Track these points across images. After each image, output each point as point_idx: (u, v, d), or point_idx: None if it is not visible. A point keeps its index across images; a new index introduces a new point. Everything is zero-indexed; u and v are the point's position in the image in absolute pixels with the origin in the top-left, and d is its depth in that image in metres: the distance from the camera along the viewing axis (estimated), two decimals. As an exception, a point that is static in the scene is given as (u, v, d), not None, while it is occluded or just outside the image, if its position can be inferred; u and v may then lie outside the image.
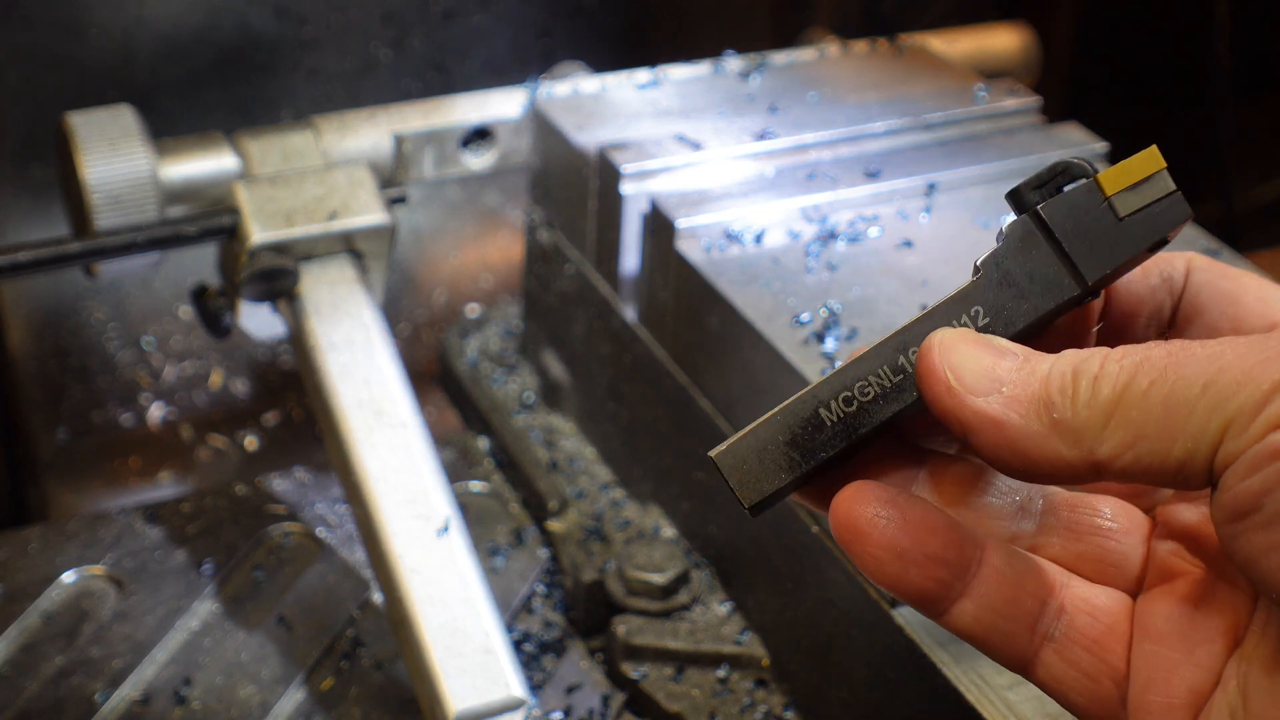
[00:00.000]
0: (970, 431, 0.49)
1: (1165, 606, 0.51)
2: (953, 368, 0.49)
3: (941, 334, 0.50)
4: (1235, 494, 0.45)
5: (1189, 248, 0.96)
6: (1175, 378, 0.46)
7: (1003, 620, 0.51)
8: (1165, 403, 0.46)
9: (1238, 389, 0.45)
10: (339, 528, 1.08)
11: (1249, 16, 1.55)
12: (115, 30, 1.21)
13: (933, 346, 0.50)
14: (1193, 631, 0.50)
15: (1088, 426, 0.47)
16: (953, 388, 0.49)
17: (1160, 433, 0.46)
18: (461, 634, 0.88)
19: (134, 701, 0.94)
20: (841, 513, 0.51)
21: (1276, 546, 0.44)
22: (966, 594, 0.51)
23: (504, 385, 1.18)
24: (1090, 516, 0.54)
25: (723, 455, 0.51)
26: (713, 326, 0.93)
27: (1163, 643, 0.51)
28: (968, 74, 1.16)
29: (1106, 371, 0.48)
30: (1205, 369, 0.46)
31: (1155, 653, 0.51)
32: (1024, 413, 0.48)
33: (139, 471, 1.32)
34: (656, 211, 0.97)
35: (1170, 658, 0.50)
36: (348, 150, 1.06)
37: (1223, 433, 0.45)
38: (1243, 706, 0.48)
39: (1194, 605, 0.51)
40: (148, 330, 1.31)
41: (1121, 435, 0.47)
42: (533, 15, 1.35)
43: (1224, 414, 0.45)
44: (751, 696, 0.93)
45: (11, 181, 1.22)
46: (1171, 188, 0.51)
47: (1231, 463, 0.45)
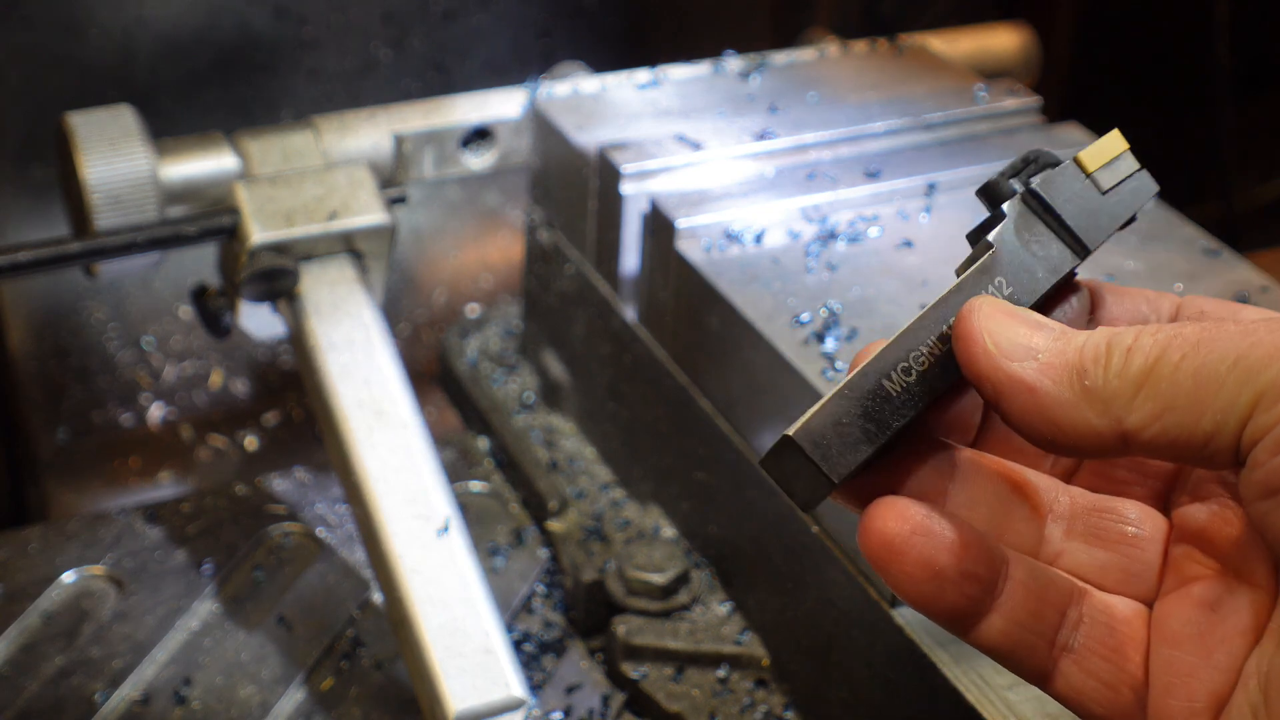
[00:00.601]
0: (1002, 396, 0.49)
1: (1182, 611, 0.51)
2: (990, 333, 0.50)
3: (980, 300, 0.51)
4: (1267, 470, 0.45)
5: (1189, 248, 0.96)
6: (1207, 352, 0.47)
7: (1028, 634, 0.51)
8: (1196, 375, 0.46)
9: (1269, 363, 0.45)
10: (339, 528, 1.08)
11: (1249, 16, 1.55)
12: (115, 30, 1.21)
13: (972, 311, 0.50)
14: (1210, 634, 0.50)
15: (1118, 395, 0.48)
16: (989, 350, 0.50)
17: (1189, 405, 0.46)
18: (461, 634, 0.88)
19: (134, 701, 0.94)
20: (875, 530, 0.50)
21: None
22: (994, 609, 0.51)
23: (504, 385, 1.18)
24: (1116, 523, 0.54)
25: (800, 433, 0.50)
26: (713, 326, 0.93)
27: (1181, 647, 0.51)
28: (968, 74, 1.16)
29: (1140, 344, 0.48)
30: (1238, 344, 0.46)
31: (1174, 657, 0.51)
32: (1057, 379, 0.49)
33: (139, 471, 1.32)
34: (656, 211, 0.97)
35: (1189, 662, 0.50)
36: (348, 150, 1.06)
37: (1253, 406, 0.45)
38: (1264, 703, 0.47)
39: (1210, 608, 0.51)
40: (148, 330, 1.31)
41: (1151, 406, 0.47)
42: (533, 15, 1.35)
43: (1254, 388, 0.45)
44: (751, 696, 0.93)
45: (11, 181, 1.22)
46: (1137, 166, 0.55)
47: (1260, 438, 0.45)
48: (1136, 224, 0.57)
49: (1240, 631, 0.50)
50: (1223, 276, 0.93)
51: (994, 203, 0.54)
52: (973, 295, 0.52)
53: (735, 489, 0.95)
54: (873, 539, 0.50)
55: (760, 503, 0.92)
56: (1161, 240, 0.96)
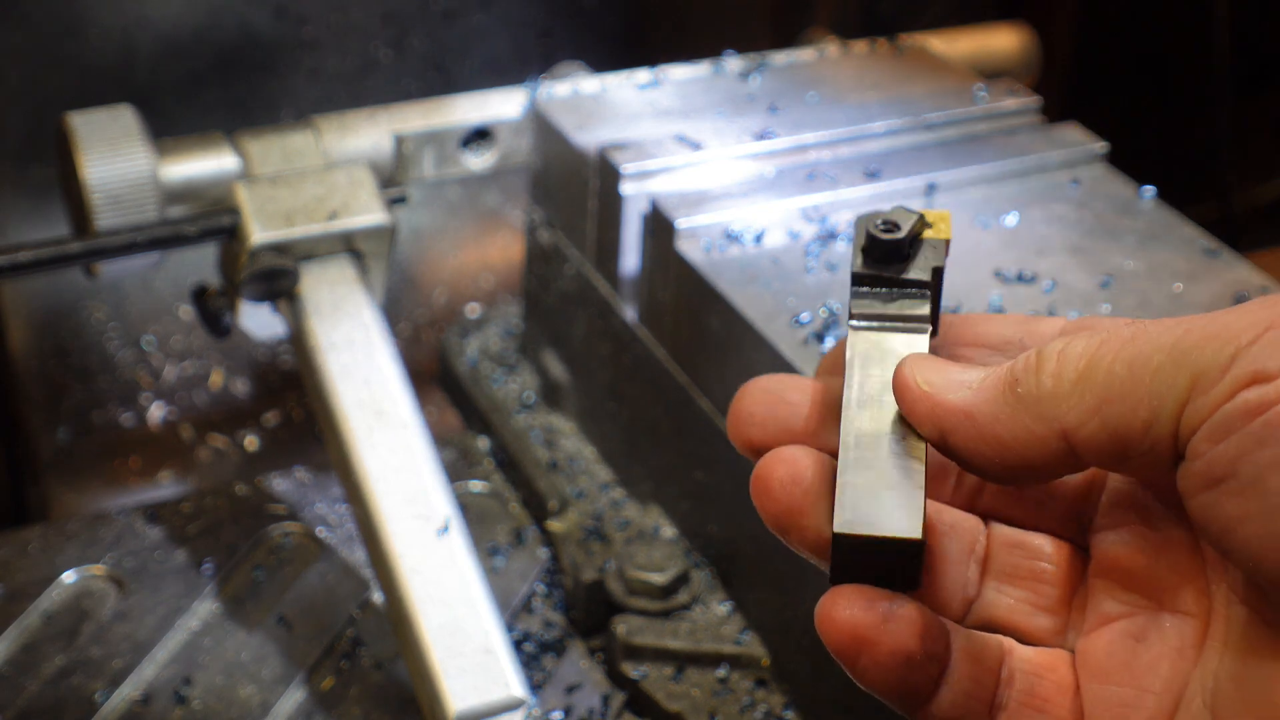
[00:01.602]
0: (945, 431, 0.49)
1: (1107, 645, 0.51)
2: (924, 378, 0.50)
3: (910, 357, 0.52)
4: (1208, 460, 0.44)
5: (1189, 248, 0.96)
6: (1141, 343, 0.46)
7: (973, 701, 0.50)
8: (1130, 365, 0.46)
9: (1204, 346, 0.44)
10: (339, 528, 1.08)
11: (1249, 16, 1.55)
12: (115, 30, 1.21)
13: (903, 365, 0.51)
14: (1138, 663, 0.49)
15: (1053, 396, 0.47)
16: (926, 392, 0.50)
17: (1125, 394, 0.46)
18: (461, 634, 0.88)
19: (134, 701, 0.94)
20: (840, 621, 0.49)
21: (1251, 515, 0.43)
22: (944, 684, 0.50)
23: (504, 385, 1.18)
24: (1027, 560, 0.54)
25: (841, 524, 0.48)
26: (713, 326, 0.93)
27: (1111, 680, 0.50)
28: (967, 74, 1.16)
29: (1071, 348, 0.48)
30: (1172, 332, 0.46)
31: (1105, 692, 0.50)
32: (991, 397, 0.49)
33: (139, 471, 1.32)
34: (656, 211, 0.97)
35: (1121, 693, 0.49)
36: (348, 150, 1.06)
37: (1189, 390, 0.44)
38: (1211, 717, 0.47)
39: (1135, 638, 0.50)
40: (148, 330, 1.31)
41: (1087, 401, 0.46)
42: (533, 15, 1.35)
43: (1190, 370, 0.44)
44: (751, 696, 0.93)
45: (11, 181, 1.22)
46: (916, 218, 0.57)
47: (1199, 423, 0.44)
48: (1136, 224, 0.57)
49: (1172, 654, 0.49)
50: (1222, 276, 0.93)
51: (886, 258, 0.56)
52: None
53: (735, 489, 0.95)
54: (839, 630, 0.49)
55: (760, 503, 0.92)
56: (1161, 240, 0.96)
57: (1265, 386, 0.43)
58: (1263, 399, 0.43)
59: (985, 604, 0.53)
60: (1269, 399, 0.43)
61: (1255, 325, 0.44)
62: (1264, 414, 0.42)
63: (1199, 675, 0.48)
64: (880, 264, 0.55)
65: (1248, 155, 1.61)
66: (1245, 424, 0.43)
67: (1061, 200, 1.00)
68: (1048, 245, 0.95)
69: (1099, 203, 1.00)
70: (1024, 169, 1.03)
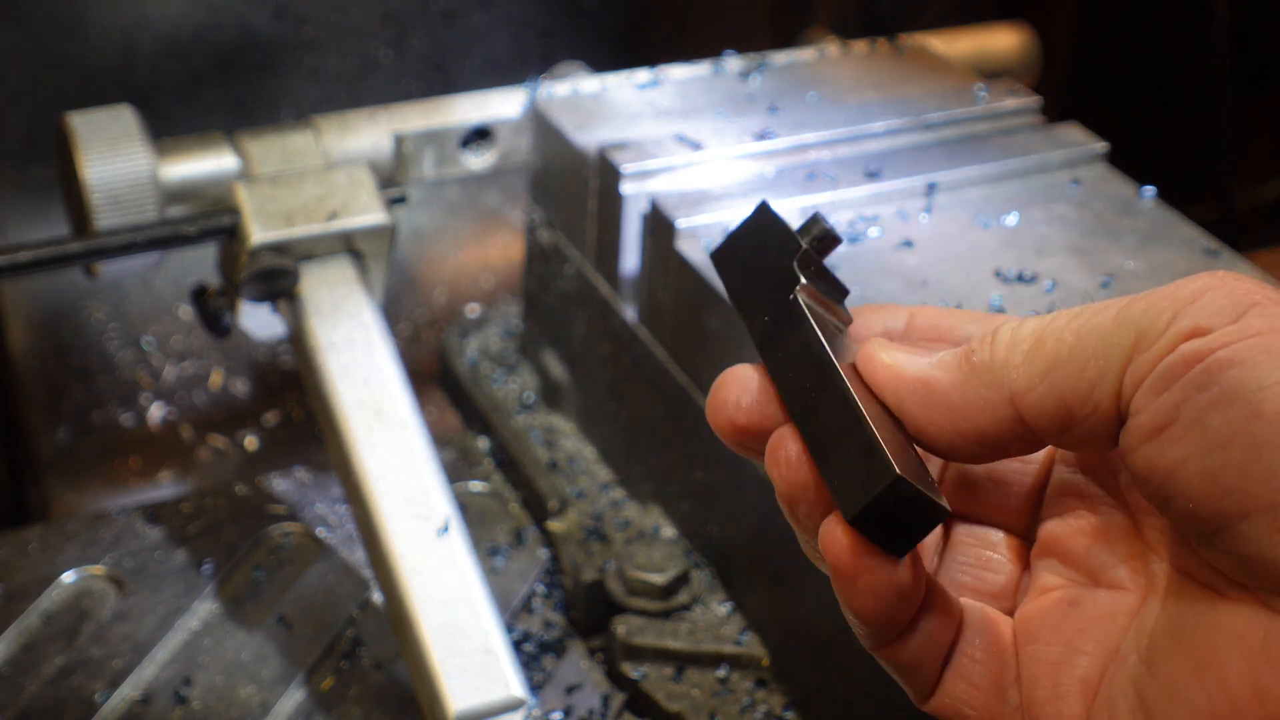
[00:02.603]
0: (903, 399, 0.51)
1: (1041, 609, 0.53)
2: (888, 354, 0.53)
3: (875, 340, 0.54)
4: (1151, 411, 0.46)
5: (1189, 248, 0.96)
6: (1088, 315, 0.49)
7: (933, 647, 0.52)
8: (1078, 334, 0.48)
9: (1148, 310, 0.47)
10: (339, 528, 1.08)
11: (1249, 16, 1.55)
12: (115, 30, 1.21)
13: (868, 345, 0.53)
14: (1070, 625, 0.51)
15: (1005, 363, 0.50)
16: (888, 364, 0.52)
17: (1073, 358, 0.48)
18: (461, 634, 0.88)
19: (134, 701, 0.94)
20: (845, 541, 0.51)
21: (1192, 455, 0.45)
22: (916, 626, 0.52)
23: (504, 385, 1.18)
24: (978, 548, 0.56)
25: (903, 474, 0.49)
26: (713, 326, 0.93)
27: (1043, 641, 0.52)
28: (968, 74, 1.16)
29: (1025, 324, 0.50)
30: (1118, 303, 0.48)
31: (1039, 651, 0.52)
32: (947, 366, 0.51)
33: (139, 471, 1.32)
34: (656, 211, 0.97)
35: (1053, 652, 0.51)
36: (348, 150, 1.06)
37: (1133, 346, 0.47)
38: (1147, 674, 0.48)
39: (1069, 604, 0.52)
40: (148, 330, 1.31)
41: (1036, 367, 0.49)
42: (533, 15, 1.35)
43: (1133, 330, 0.47)
44: (751, 696, 0.93)
45: (11, 181, 1.22)
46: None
47: (1143, 377, 0.46)
48: (1137, 224, 0.58)
49: (1104, 619, 0.51)
50: (1223, 276, 0.93)
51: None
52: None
53: (735, 489, 0.95)
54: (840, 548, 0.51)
55: (760, 503, 0.92)
56: (1161, 240, 0.96)
57: (1203, 338, 0.45)
58: (1201, 348, 0.45)
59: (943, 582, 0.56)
60: (1208, 347, 0.45)
61: (1195, 289, 0.47)
62: (1203, 360, 0.45)
63: (1132, 636, 0.50)
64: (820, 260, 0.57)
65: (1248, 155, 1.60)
66: (1185, 372, 0.45)
67: (1062, 200, 1.00)
68: (1048, 245, 0.95)
69: (1099, 203, 1.00)
70: (1024, 169, 1.03)
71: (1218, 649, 0.46)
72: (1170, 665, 0.47)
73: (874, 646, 0.53)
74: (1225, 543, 0.45)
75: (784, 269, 0.55)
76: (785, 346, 0.54)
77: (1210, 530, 0.46)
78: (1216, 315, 0.46)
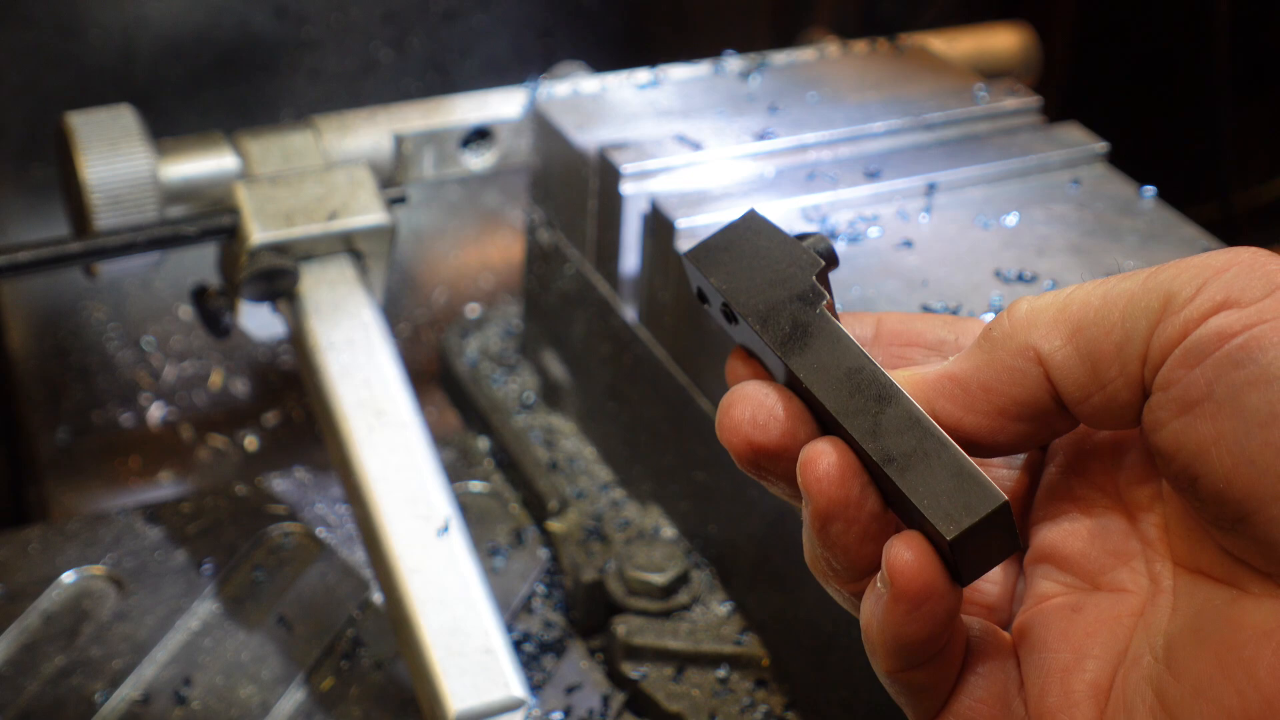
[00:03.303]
0: (933, 399, 0.51)
1: (1043, 616, 0.52)
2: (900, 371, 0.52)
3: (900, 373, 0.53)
4: (1183, 386, 0.45)
5: (1189, 248, 0.96)
6: (1114, 281, 0.49)
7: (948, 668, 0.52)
8: (1104, 298, 0.48)
9: (1177, 274, 0.47)
10: (339, 528, 1.08)
11: (1249, 16, 1.55)
12: (115, 30, 1.21)
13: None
14: (1074, 630, 0.51)
15: (1029, 329, 0.49)
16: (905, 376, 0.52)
17: (1099, 319, 0.48)
18: (461, 634, 0.88)
19: (134, 701, 0.94)
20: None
21: (1225, 435, 0.44)
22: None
23: (504, 385, 1.18)
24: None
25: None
26: (713, 326, 0.93)
27: (1049, 650, 0.51)
28: (968, 74, 1.16)
29: (1042, 296, 0.50)
30: (1144, 271, 0.48)
31: (1043, 660, 0.51)
32: (967, 355, 0.51)
33: (139, 471, 1.32)
34: (656, 211, 0.97)
35: (1059, 659, 0.50)
36: (348, 150, 1.06)
37: (1162, 310, 0.46)
38: (1168, 674, 0.47)
39: (1071, 610, 0.51)
40: (148, 330, 1.31)
41: (1063, 329, 0.49)
42: (533, 15, 1.35)
43: (1162, 293, 0.46)
44: (751, 696, 0.93)
45: (11, 181, 1.22)
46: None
47: (1170, 344, 0.46)
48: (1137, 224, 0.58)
49: (1110, 622, 0.50)
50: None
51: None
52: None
53: (735, 489, 0.95)
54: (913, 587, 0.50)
55: (760, 503, 0.92)
56: (1161, 240, 0.96)
57: (1238, 311, 0.45)
58: (1235, 323, 0.45)
59: None
60: (1244, 323, 0.44)
61: (1225, 261, 0.46)
62: (1237, 337, 0.44)
63: (1144, 638, 0.49)
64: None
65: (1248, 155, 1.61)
66: (1219, 347, 0.45)
67: (1062, 200, 1.00)
68: (1048, 245, 0.95)
69: (1099, 203, 1.00)
70: (1024, 169, 1.03)
71: (1243, 645, 0.45)
72: (1194, 664, 0.47)
73: (901, 668, 0.51)
74: (1253, 527, 0.45)
75: (803, 281, 0.55)
76: (815, 360, 0.53)
77: (1238, 514, 0.45)
78: (1248, 290, 0.45)
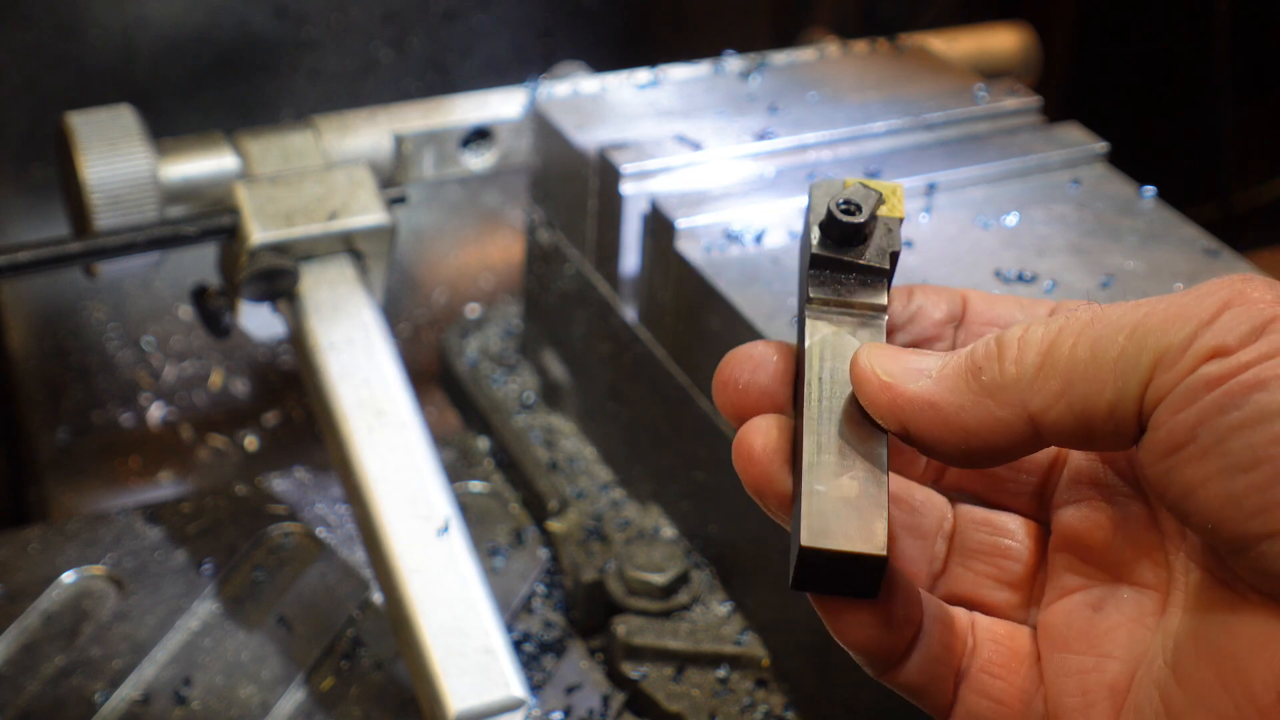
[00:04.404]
0: (908, 422, 0.50)
1: (1064, 615, 0.52)
2: (882, 368, 0.50)
3: (865, 347, 0.51)
4: (1170, 428, 0.45)
5: (1189, 248, 0.96)
6: (1101, 327, 0.47)
7: (940, 668, 0.52)
8: (1093, 349, 0.47)
9: (1165, 327, 0.46)
10: (339, 528, 1.08)
11: (1249, 16, 1.55)
12: (115, 30, 1.21)
13: (860, 356, 0.51)
14: (1096, 630, 0.51)
15: (1017, 382, 0.48)
16: (885, 382, 0.50)
17: (1090, 376, 0.47)
18: (461, 634, 0.88)
19: (134, 701, 0.94)
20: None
21: (1213, 476, 0.44)
22: (916, 647, 0.52)
23: (504, 385, 1.18)
24: (992, 536, 0.55)
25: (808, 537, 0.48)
26: (713, 326, 0.93)
27: (1069, 648, 0.51)
28: (968, 74, 1.16)
29: (1030, 335, 0.48)
30: (1131, 316, 0.47)
31: (1064, 659, 0.51)
32: (954, 386, 0.49)
33: (139, 471, 1.32)
34: (656, 211, 0.97)
35: (1079, 660, 0.51)
36: (348, 150, 1.06)
37: (1153, 369, 0.46)
38: (1172, 679, 0.48)
39: (1093, 608, 0.51)
40: (148, 330, 1.31)
41: (1052, 385, 0.47)
42: (533, 15, 1.35)
43: (1152, 350, 0.46)
44: (751, 696, 0.93)
45: (11, 181, 1.22)
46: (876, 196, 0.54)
47: (1163, 397, 0.45)
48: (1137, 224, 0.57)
49: (1129, 622, 0.50)
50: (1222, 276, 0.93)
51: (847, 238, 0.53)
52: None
53: (735, 489, 0.95)
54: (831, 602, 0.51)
55: (760, 503, 0.92)
56: (1161, 240, 0.96)
57: (1226, 359, 0.44)
58: (1223, 370, 0.44)
59: (951, 579, 0.55)
60: (1230, 370, 0.44)
61: (1213, 305, 0.46)
62: (1224, 384, 0.44)
63: (1159, 639, 0.49)
64: (839, 246, 0.53)
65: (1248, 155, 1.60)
66: (1206, 393, 0.44)
67: (1062, 200, 1.00)
68: (1048, 245, 0.95)
69: (1099, 203, 1.00)
70: (1024, 169, 1.03)
71: (1239, 654, 0.46)
72: (1195, 671, 0.47)
73: (876, 674, 0.52)
74: (1249, 560, 0.45)
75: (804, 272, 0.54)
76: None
77: (1232, 549, 0.45)
78: (1233, 333, 0.45)
